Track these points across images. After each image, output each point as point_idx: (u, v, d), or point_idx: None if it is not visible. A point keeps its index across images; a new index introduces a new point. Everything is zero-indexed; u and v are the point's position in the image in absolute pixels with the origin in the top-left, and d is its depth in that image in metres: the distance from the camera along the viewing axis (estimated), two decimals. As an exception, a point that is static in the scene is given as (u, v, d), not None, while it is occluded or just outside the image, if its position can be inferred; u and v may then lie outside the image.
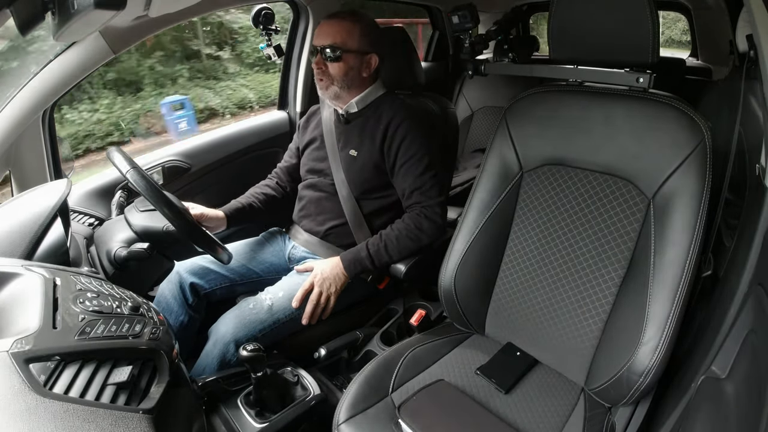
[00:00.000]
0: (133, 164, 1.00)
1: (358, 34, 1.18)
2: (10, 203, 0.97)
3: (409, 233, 1.17)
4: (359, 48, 1.18)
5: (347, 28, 1.17)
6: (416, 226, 1.17)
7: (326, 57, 1.17)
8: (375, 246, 1.17)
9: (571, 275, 0.96)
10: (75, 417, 0.52)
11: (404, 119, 1.19)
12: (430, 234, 1.18)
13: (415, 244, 1.18)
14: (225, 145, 1.63)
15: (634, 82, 0.88)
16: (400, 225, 1.19)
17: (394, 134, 1.18)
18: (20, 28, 0.70)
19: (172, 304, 1.20)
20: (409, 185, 1.19)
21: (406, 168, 1.19)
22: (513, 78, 2.11)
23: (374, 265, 1.17)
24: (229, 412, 0.96)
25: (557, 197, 0.99)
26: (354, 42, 1.18)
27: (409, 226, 1.18)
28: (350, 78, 1.20)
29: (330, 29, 1.17)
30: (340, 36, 1.16)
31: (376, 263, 1.17)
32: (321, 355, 1.15)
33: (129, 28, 1.14)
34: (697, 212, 0.81)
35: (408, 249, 1.18)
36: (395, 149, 1.19)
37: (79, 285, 0.74)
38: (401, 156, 1.19)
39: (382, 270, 1.21)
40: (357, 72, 1.21)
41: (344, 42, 1.17)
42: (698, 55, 2.51)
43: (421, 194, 1.18)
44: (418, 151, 1.18)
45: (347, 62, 1.18)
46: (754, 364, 0.64)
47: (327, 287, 1.15)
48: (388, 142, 1.19)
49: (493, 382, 0.97)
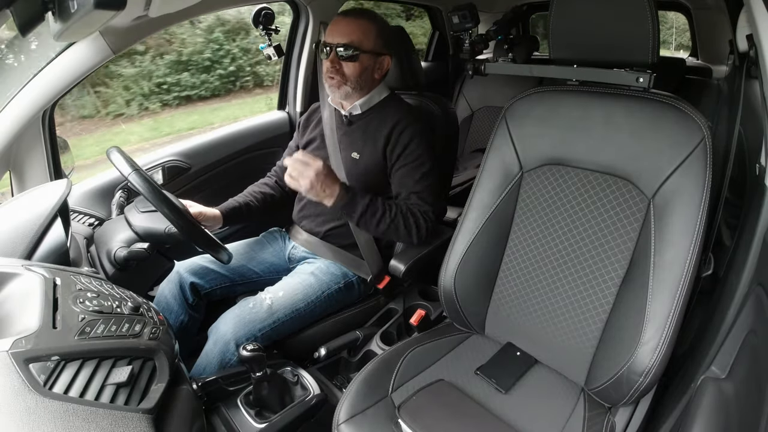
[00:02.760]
0: (133, 165, 1.00)
1: (374, 35, 1.17)
2: (10, 203, 0.97)
3: (407, 222, 1.15)
4: (374, 49, 1.17)
5: (364, 27, 1.16)
6: (414, 221, 1.16)
7: (341, 56, 1.16)
8: (375, 207, 1.13)
9: (571, 275, 0.96)
10: (75, 417, 0.52)
11: (409, 124, 1.18)
12: (421, 233, 1.16)
13: (401, 231, 1.15)
14: (225, 145, 1.63)
15: (634, 82, 0.88)
16: (404, 209, 1.16)
17: (399, 138, 1.18)
18: (20, 28, 0.71)
19: (172, 304, 1.20)
20: (407, 189, 1.18)
21: (405, 170, 1.18)
22: (513, 78, 2.11)
23: (361, 217, 1.13)
24: (229, 412, 0.96)
25: (557, 197, 0.99)
26: (370, 42, 1.16)
27: (413, 212, 1.16)
28: (363, 79, 1.19)
29: (346, 28, 1.16)
30: (356, 35, 1.15)
31: (364, 216, 1.12)
32: (321, 355, 1.15)
33: (129, 28, 1.14)
34: (697, 212, 0.81)
35: (394, 232, 1.15)
36: (398, 152, 1.18)
37: (79, 285, 0.74)
38: (402, 159, 1.18)
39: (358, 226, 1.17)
40: (370, 73, 1.20)
41: (360, 42, 1.15)
42: (698, 55, 2.50)
43: (418, 198, 1.18)
44: (420, 157, 1.17)
45: (362, 63, 1.17)
46: (754, 364, 0.64)
47: (319, 190, 1.07)
48: (391, 146, 1.19)
49: (492, 382, 0.97)
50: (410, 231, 1.15)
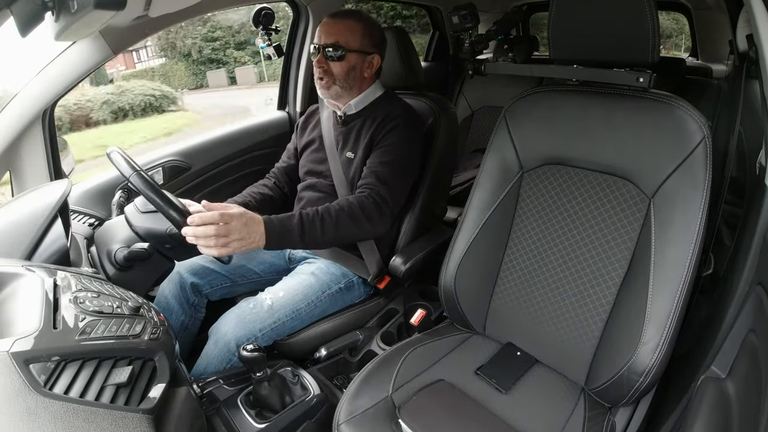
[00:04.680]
0: (134, 166, 1.00)
1: (360, 34, 1.18)
2: (10, 203, 0.97)
3: (352, 213, 1.06)
4: (361, 48, 1.18)
5: (350, 27, 1.17)
6: (360, 208, 1.07)
7: (328, 56, 1.17)
8: (309, 219, 1.02)
9: (572, 275, 0.96)
10: (75, 417, 0.52)
11: (394, 117, 1.19)
12: (373, 222, 1.08)
13: (355, 229, 1.07)
14: (225, 145, 1.63)
15: (634, 82, 0.88)
16: (342, 202, 1.08)
17: (382, 129, 1.18)
18: (20, 28, 0.70)
19: (173, 304, 1.20)
20: (370, 167, 1.15)
21: (376, 153, 1.17)
22: (513, 78, 2.11)
23: (303, 242, 1.02)
24: (229, 412, 0.96)
25: (557, 197, 0.99)
26: (356, 41, 1.17)
27: (353, 205, 1.07)
28: (352, 78, 1.20)
29: (332, 28, 1.17)
30: (342, 35, 1.16)
31: (306, 239, 1.01)
32: (321, 355, 1.15)
33: (129, 28, 1.14)
34: (697, 212, 0.81)
35: (346, 232, 1.06)
36: (377, 141, 1.18)
37: (80, 285, 0.74)
38: (377, 145, 1.18)
39: (307, 248, 1.08)
40: (359, 72, 1.20)
41: (347, 41, 1.16)
42: (698, 55, 2.51)
43: (377, 179, 1.12)
44: (393, 144, 1.16)
45: (349, 62, 1.18)
46: (754, 363, 0.64)
47: (231, 240, 0.92)
48: (378, 137, 1.19)
49: (493, 382, 0.97)
50: (361, 224, 1.07)
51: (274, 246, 0.99)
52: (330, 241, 1.06)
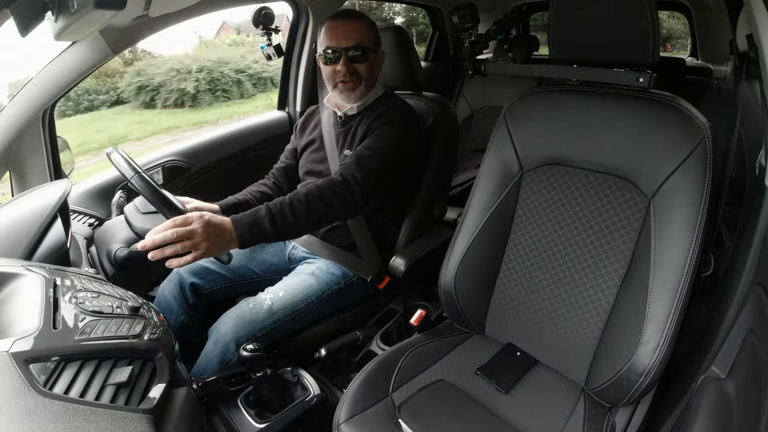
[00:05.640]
0: (134, 167, 1.00)
1: (371, 32, 1.21)
2: (10, 203, 0.97)
3: (321, 194, 1.03)
4: (374, 46, 1.22)
5: (364, 27, 1.20)
6: (330, 188, 1.05)
7: (352, 58, 1.18)
8: (278, 208, 1.00)
9: (571, 275, 0.96)
10: (75, 417, 0.52)
11: (394, 112, 1.20)
12: (344, 202, 1.05)
13: (326, 209, 1.04)
14: (225, 144, 1.63)
15: (634, 82, 0.88)
16: (311, 186, 1.06)
17: (378, 119, 1.19)
18: (20, 28, 0.70)
19: (172, 304, 1.20)
20: (354, 152, 1.15)
21: (365, 141, 1.17)
22: (513, 78, 2.11)
23: (276, 231, 0.99)
24: (229, 412, 0.96)
25: (557, 197, 0.99)
26: (371, 40, 1.21)
27: (321, 186, 1.05)
28: (373, 76, 1.23)
29: (348, 30, 1.18)
30: (360, 35, 1.18)
31: (278, 228, 0.99)
32: (321, 355, 1.15)
33: (129, 28, 1.14)
34: (697, 212, 0.81)
35: (318, 214, 1.03)
36: (372, 129, 1.19)
37: (79, 285, 0.74)
38: (371, 132, 1.18)
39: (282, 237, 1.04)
40: (377, 70, 1.24)
41: (365, 40, 1.19)
42: (698, 55, 2.51)
43: (354, 161, 1.11)
44: (381, 135, 1.16)
45: (371, 60, 1.21)
46: (754, 364, 0.64)
47: (199, 241, 0.90)
48: (372, 129, 1.19)
49: (493, 382, 0.97)
50: (332, 204, 1.04)
51: (249, 241, 0.97)
52: (305, 226, 1.03)
